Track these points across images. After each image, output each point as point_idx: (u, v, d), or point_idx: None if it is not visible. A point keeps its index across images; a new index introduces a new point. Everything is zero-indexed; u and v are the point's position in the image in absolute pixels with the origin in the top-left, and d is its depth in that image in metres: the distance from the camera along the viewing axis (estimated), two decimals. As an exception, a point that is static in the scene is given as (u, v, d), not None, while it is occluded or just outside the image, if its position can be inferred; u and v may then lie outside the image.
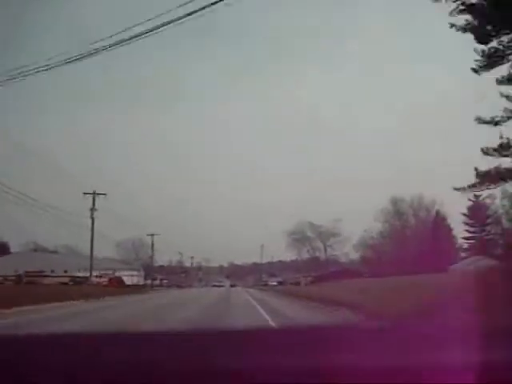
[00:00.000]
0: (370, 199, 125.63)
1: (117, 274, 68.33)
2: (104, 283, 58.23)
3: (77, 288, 42.44)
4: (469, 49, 17.63)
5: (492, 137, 17.91)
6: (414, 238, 72.68)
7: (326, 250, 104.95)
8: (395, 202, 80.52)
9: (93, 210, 53.56)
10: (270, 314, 18.64)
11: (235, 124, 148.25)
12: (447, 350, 0.95)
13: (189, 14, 15.03)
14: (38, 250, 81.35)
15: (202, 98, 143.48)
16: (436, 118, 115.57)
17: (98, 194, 54.13)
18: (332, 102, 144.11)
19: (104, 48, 17.09)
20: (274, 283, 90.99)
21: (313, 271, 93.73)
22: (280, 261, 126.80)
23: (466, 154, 29.37)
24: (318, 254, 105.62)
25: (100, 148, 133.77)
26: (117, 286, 57.47)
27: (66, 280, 53.39)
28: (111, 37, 16.97)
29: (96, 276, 58.79)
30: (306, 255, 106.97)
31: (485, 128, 17.81)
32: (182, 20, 15.22)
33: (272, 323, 14.91)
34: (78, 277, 56.75)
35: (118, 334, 1.19)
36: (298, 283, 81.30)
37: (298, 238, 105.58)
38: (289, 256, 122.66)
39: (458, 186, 19.26)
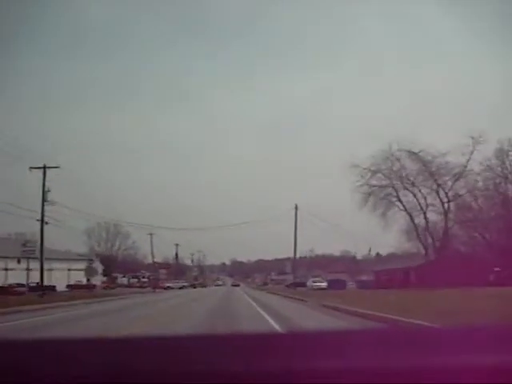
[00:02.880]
0: None
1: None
2: None
3: None
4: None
5: None
6: None
7: (448, 208, 51.28)
8: (501, 151, 50.44)
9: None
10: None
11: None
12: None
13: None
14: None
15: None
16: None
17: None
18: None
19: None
20: (322, 285, 57.91)
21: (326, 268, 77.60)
22: (288, 258, 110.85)
23: None
24: (428, 216, 52.58)
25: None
26: None
27: None
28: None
29: None
30: (401, 218, 54.49)
31: None
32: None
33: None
34: None
35: (117, 339, 1.16)
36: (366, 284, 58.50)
37: (384, 183, 53.78)
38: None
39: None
